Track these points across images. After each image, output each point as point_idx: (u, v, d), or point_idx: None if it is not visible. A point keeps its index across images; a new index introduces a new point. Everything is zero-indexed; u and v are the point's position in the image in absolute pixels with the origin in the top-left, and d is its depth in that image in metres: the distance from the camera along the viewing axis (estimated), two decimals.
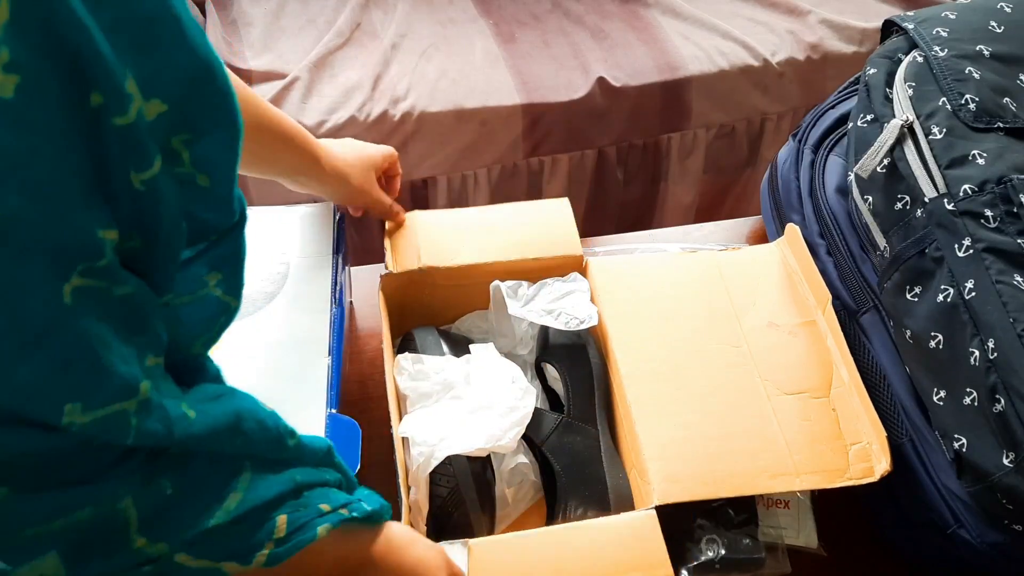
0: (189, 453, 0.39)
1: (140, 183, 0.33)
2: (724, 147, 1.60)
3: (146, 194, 0.33)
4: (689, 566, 0.70)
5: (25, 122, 0.28)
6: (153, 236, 0.35)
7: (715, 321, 0.79)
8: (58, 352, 0.31)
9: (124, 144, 0.32)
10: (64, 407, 0.31)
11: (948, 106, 0.69)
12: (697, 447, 0.69)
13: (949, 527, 0.67)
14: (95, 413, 0.32)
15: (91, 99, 0.30)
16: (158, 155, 0.34)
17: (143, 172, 0.33)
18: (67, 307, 0.31)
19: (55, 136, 0.29)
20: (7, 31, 0.26)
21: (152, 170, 0.33)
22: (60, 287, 0.30)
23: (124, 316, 0.34)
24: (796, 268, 0.82)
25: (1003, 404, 0.59)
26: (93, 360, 0.32)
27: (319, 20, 1.54)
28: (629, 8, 1.64)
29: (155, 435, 0.35)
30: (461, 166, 1.45)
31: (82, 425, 0.32)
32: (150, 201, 0.34)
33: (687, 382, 0.74)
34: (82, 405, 0.32)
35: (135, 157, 0.33)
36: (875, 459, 0.68)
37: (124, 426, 0.34)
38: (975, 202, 0.64)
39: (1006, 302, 0.60)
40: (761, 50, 1.53)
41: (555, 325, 0.78)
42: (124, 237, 0.33)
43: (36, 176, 0.29)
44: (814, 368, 0.75)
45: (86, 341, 0.32)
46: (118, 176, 0.32)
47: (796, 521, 0.74)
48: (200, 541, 0.39)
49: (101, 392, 0.33)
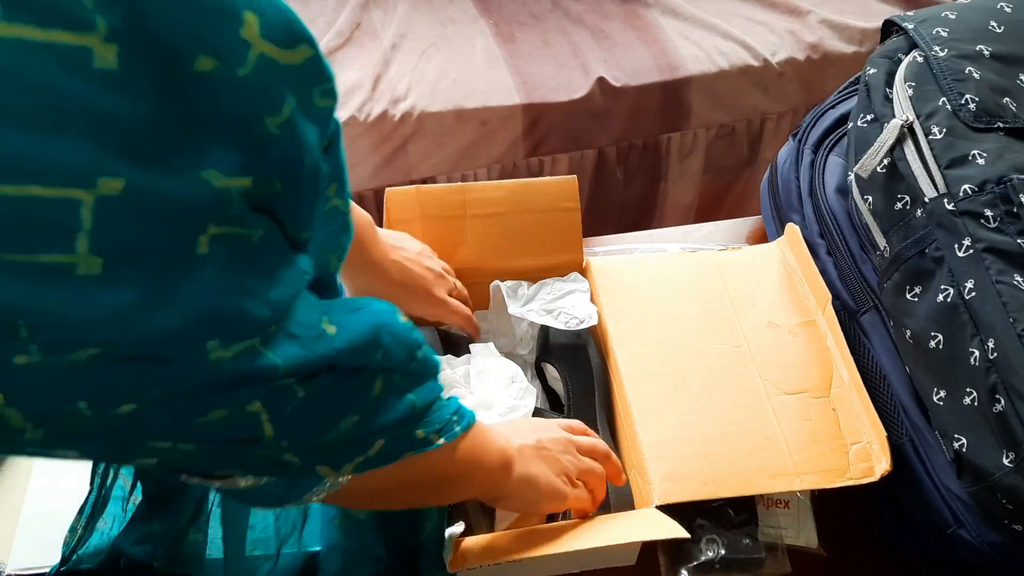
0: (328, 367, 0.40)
1: (275, 127, 0.33)
2: (724, 147, 1.60)
3: (283, 136, 0.33)
4: (689, 566, 0.70)
5: (133, 89, 0.28)
6: (296, 177, 0.35)
7: (715, 321, 0.79)
8: (194, 300, 0.32)
9: (248, 93, 0.31)
10: (206, 344, 0.33)
11: (948, 106, 0.69)
12: (697, 447, 0.69)
13: (949, 527, 0.67)
14: (233, 348, 0.34)
15: (197, 63, 0.30)
16: (290, 96, 0.33)
17: (276, 116, 0.33)
18: (202, 256, 0.31)
19: (167, 98, 0.29)
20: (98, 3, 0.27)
21: (283, 114, 0.33)
22: (195, 238, 0.31)
23: (259, 257, 0.35)
24: (796, 268, 0.82)
25: (1003, 404, 0.59)
26: (230, 303, 0.33)
27: (319, 20, 1.54)
28: (629, 8, 1.64)
29: (294, 358, 0.37)
30: (461, 166, 1.45)
31: (218, 359, 0.33)
32: (290, 143, 0.34)
33: (687, 382, 0.74)
34: (220, 341, 0.33)
35: (265, 102, 0.32)
36: (875, 459, 0.68)
37: (255, 357, 0.35)
38: (975, 202, 0.64)
39: (1006, 302, 0.60)
40: (761, 50, 1.53)
41: (555, 325, 0.78)
42: (262, 182, 0.33)
43: (153, 142, 0.29)
44: (814, 368, 0.75)
45: (220, 286, 0.32)
46: (250, 124, 0.32)
47: (796, 521, 0.74)
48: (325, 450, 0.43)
49: (237, 330, 0.34)
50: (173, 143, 0.30)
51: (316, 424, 0.41)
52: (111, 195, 0.28)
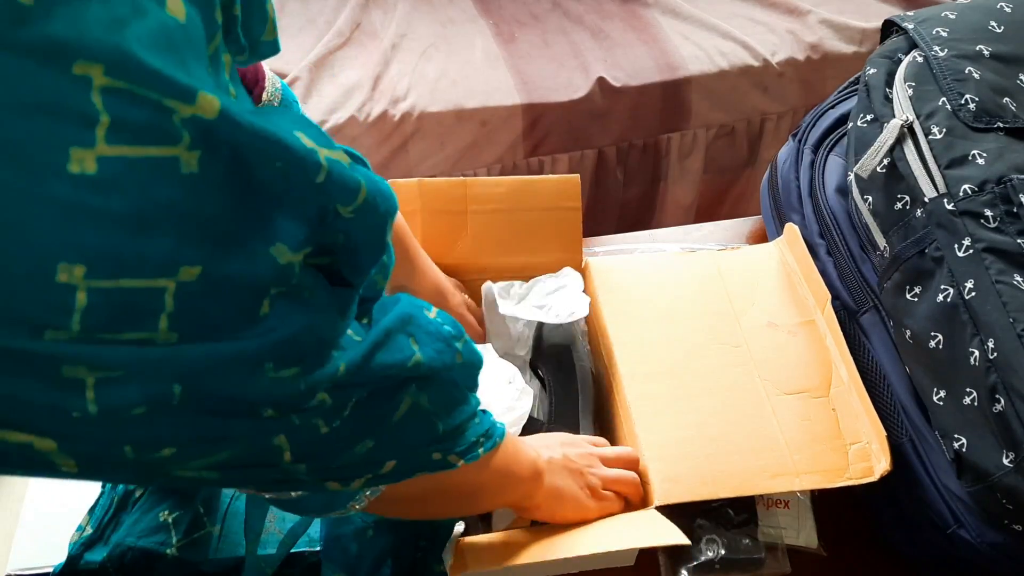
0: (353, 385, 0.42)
1: (349, 212, 0.37)
2: (724, 147, 1.60)
3: (355, 220, 0.38)
4: (689, 566, 0.70)
5: (213, 187, 0.32)
6: (357, 244, 0.40)
7: (715, 321, 0.79)
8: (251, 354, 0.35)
9: (329, 193, 0.36)
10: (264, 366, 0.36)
11: (948, 106, 0.69)
12: (697, 447, 0.69)
13: (949, 527, 0.67)
14: (283, 372, 0.37)
15: (266, 174, 0.34)
16: (361, 182, 0.38)
17: (350, 205, 0.37)
18: (264, 315, 0.35)
19: (241, 191, 0.33)
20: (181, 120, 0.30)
21: (357, 201, 0.37)
22: (260, 302, 0.35)
23: (314, 303, 0.38)
24: (795, 268, 0.82)
25: (1003, 404, 0.59)
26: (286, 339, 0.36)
27: (319, 20, 1.54)
28: (629, 8, 1.64)
29: (333, 370, 0.40)
30: (461, 166, 1.45)
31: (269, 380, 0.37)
32: (358, 224, 0.38)
33: (687, 382, 0.74)
34: (272, 366, 0.37)
35: (342, 195, 0.37)
36: (875, 459, 0.68)
37: (298, 380, 0.38)
38: (975, 202, 0.64)
39: (1006, 302, 0.60)
40: (761, 50, 1.53)
41: (546, 319, 0.78)
42: (325, 245, 0.38)
43: (227, 228, 0.33)
44: (813, 368, 0.75)
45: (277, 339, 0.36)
46: (324, 211, 0.36)
47: (796, 521, 0.74)
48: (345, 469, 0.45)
49: (285, 359, 0.37)
50: (246, 227, 0.34)
51: (331, 450, 0.43)
52: (189, 281, 0.32)
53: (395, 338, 0.45)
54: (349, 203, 0.37)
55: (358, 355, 0.41)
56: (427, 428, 0.48)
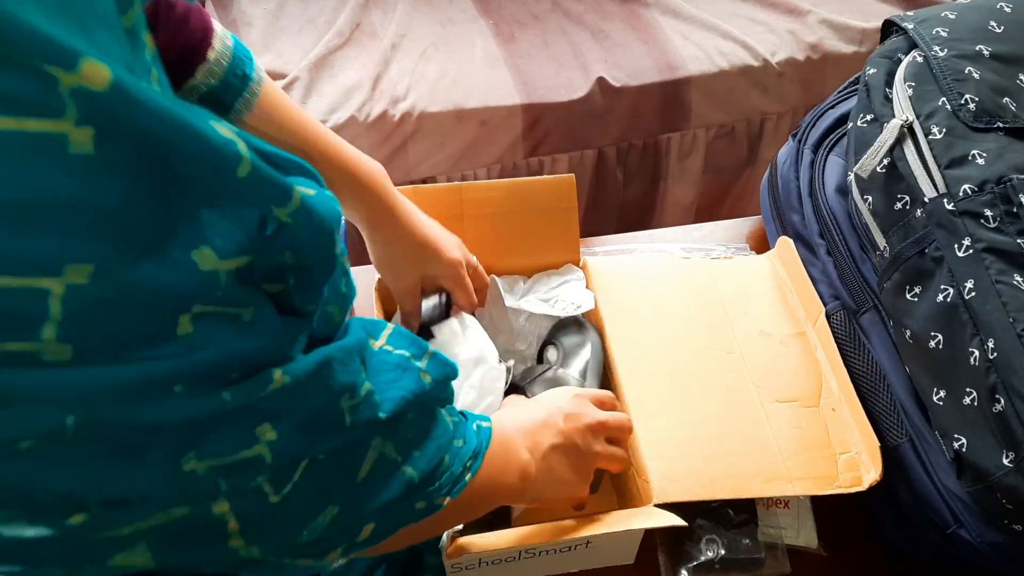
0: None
1: (287, 216, 0.33)
2: (724, 147, 1.60)
3: (298, 229, 0.33)
4: (689, 566, 0.70)
5: (113, 173, 0.27)
6: (308, 257, 0.35)
7: (709, 325, 0.79)
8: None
9: (258, 191, 0.32)
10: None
11: (948, 106, 0.69)
12: (695, 448, 0.69)
13: (949, 527, 0.67)
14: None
15: (185, 165, 0.29)
16: (295, 184, 0.33)
17: (285, 206, 0.33)
18: (184, 336, 0.30)
19: (153, 181, 0.28)
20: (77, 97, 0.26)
21: (293, 202, 0.33)
22: (176, 319, 0.30)
23: (249, 331, 0.33)
24: (787, 280, 0.83)
25: (1003, 404, 0.59)
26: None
27: (319, 20, 1.54)
28: (629, 8, 1.63)
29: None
30: (461, 166, 1.45)
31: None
32: (303, 233, 0.34)
33: (683, 383, 0.74)
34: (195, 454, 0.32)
35: (274, 194, 0.32)
36: (864, 469, 0.69)
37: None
38: (975, 202, 0.64)
39: (1006, 302, 0.60)
40: (761, 50, 1.53)
41: (552, 312, 0.78)
42: (266, 260, 0.33)
43: (132, 225, 0.28)
44: (804, 378, 0.75)
45: (203, 361, 0.32)
46: (255, 212, 0.32)
47: (796, 521, 0.74)
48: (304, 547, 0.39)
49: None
50: (158, 226, 0.29)
51: (288, 521, 0.37)
52: (81, 284, 0.27)
53: (350, 360, 0.39)
54: (284, 203, 0.33)
55: (299, 369, 0.35)
56: (400, 480, 0.42)
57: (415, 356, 0.44)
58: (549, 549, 0.65)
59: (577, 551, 0.66)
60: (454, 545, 0.60)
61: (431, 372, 0.44)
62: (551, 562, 0.68)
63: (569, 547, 0.65)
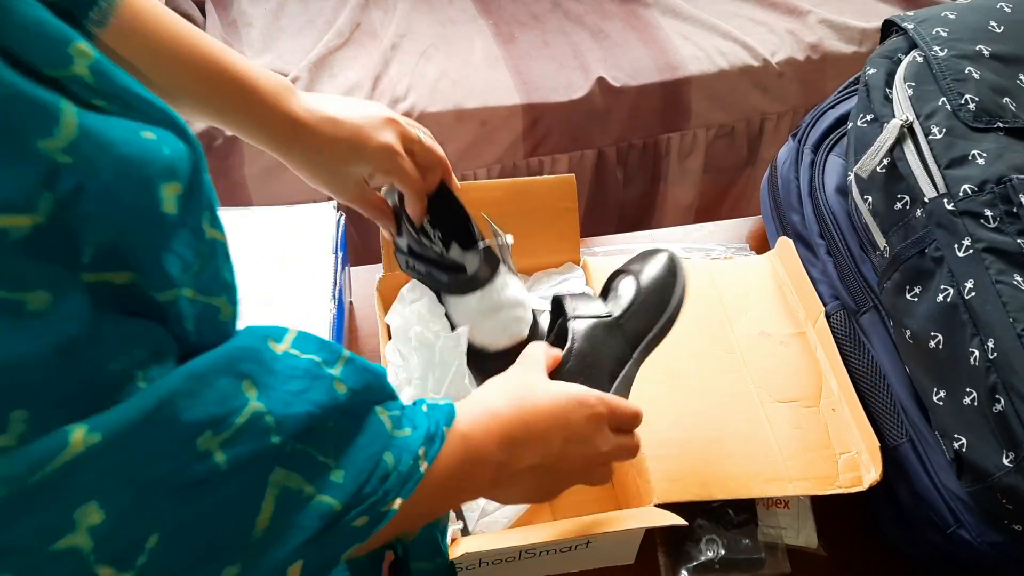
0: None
1: (64, 154, 0.26)
2: (724, 147, 1.60)
3: (80, 168, 0.26)
4: (689, 566, 0.70)
5: None
6: (119, 219, 0.28)
7: (710, 326, 0.79)
8: None
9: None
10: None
11: (948, 106, 0.69)
12: (695, 448, 0.69)
13: (949, 527, 0.67)
14: None
15: None
16: (68, 111, 0.26)
17: (51, 136, 0.25)
18: None
19: None
20: None
21: (64, 129, 0.26)
22: None
23: (44, 324, 0.25)
24: (787, 281, 0.83)
25: (1003, 404, 0.59)
26: None
27: (319, 20, 1.54)
28: (629, 8, 1.64)
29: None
30: (461, 166, 1.45)
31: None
32: (92, 169, 0.26)
33: (684, 383, 0.74)
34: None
35: (30, 120, 0.25)
36: (864, 469, 0.69)
37: None
38: (975, 202, 0.64)
39: (1006, 302, 0.60)
40: (761, 50, 1.53)
41: None
42: (60, 217, 0.26)
43: None
44: (805, 378, 0.75)
45: None
46: (15, 142, 0.25)
47: (796, 521, 0.74)
48: None
49: None
50: None
51: None
52: None
53: (211, 383, 0.30)
54: (48, 132, 0.25)
55: (114, 422, 0.26)
56: (314, 514, 0.34)
57: (326, 362, 0.36)
58: (549, 549, 0.65)
59: (577, 551, 0.66)
60: (454, 545, 0.60)
61: (346, 381, 0.37)
62: (551, 562, 0.68)
63: (569, 547, 0.65)
